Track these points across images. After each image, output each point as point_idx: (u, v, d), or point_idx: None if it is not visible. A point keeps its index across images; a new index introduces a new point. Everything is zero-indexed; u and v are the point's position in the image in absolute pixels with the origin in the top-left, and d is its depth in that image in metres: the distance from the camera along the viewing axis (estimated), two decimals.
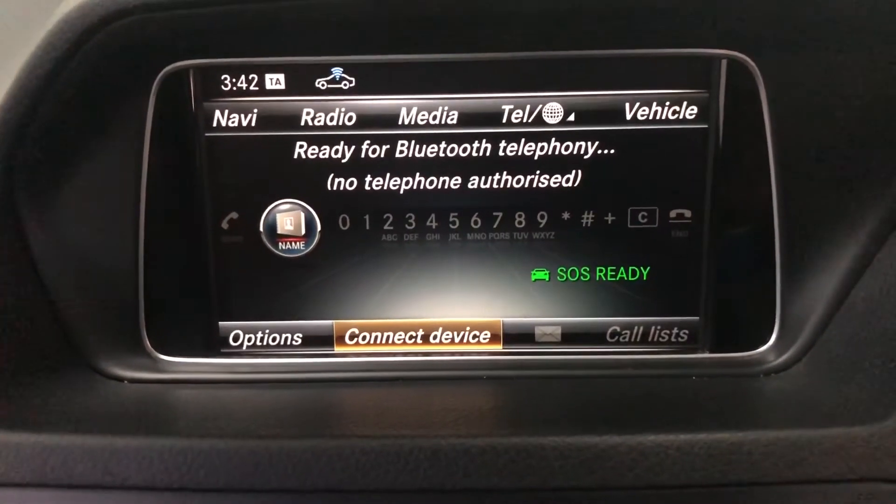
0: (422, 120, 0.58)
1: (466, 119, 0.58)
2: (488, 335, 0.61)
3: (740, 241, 0.59)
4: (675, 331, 0.61)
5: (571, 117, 0.58)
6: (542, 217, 0.59)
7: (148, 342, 0.59)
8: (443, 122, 0.58)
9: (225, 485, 0.45)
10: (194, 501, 0.45)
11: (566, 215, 0.59)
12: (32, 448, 0.46)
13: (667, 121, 0.58)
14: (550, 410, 0.53)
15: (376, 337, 0.61)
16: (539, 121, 0.58)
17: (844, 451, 0.45)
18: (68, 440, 0.46)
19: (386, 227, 0.60)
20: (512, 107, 0.58)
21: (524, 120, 0.58)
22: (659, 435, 0.45)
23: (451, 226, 0.60)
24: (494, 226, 0.59)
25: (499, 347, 0.61)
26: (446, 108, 0.58)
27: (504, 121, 0.58)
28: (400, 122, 0.58)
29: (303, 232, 0.60)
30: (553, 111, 0.58)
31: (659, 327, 0.61)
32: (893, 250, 0.54)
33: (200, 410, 0.54)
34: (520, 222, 0.59)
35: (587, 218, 0.59)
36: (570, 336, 0.61)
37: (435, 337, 0.61)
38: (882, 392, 0.48)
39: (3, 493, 0.46)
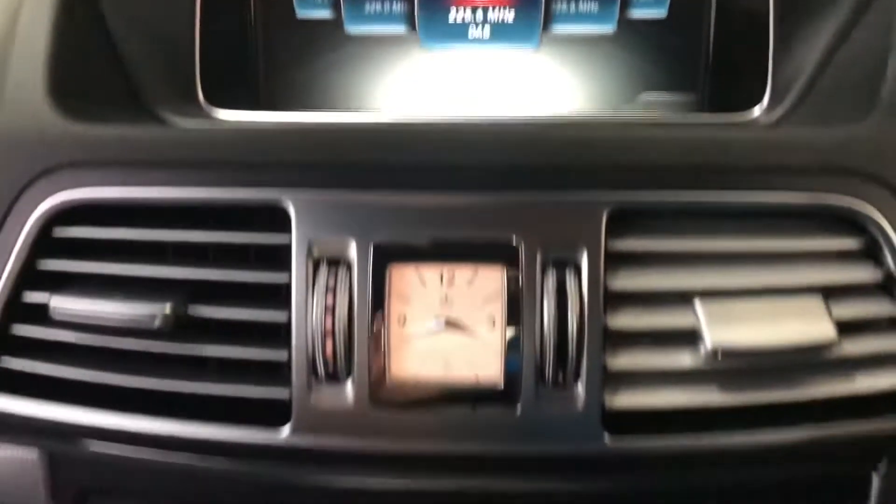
0: None
1: None
2: None
3: (737, 14, 0.65)
4: (676, 97, 0.67)
5: None
6: None
7: (202, 97, 0.66)
8: None
9: (282, 159, 0.53)
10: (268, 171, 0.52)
11: None
12: (112, 136, 0.54)
13: None
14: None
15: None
16: None
17: (813, 146, 0.51)
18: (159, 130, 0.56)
19: None
20: None
21: None
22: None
23: None
24: None
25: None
26: None
27: None
28: None
29: None
30: None
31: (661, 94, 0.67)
32: (874, 18, 0.60)
33: None
34: None
35: None
36: None
37: None
38: (855, 111, 0.54)
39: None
